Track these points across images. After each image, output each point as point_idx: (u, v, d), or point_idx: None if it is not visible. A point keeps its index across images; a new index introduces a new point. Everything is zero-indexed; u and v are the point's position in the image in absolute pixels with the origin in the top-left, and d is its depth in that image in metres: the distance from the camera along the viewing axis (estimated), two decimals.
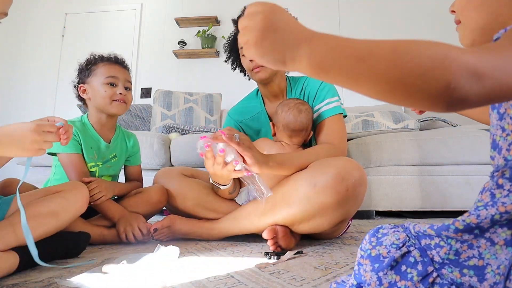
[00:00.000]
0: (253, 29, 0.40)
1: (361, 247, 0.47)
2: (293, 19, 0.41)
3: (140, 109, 2.74)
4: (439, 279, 0.39)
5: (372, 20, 3.23)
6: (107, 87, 1.14)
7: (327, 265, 0.76)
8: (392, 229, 0.47)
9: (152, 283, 0.62)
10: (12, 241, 0.72)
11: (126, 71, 1.22)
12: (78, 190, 0.91)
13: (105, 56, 1.20)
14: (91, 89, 1.16)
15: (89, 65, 1.18)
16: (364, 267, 0.44)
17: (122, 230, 1.05)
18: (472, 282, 0.37)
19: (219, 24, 3.43)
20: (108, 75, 1.15)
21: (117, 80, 1.16)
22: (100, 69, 1.16)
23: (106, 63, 1.18)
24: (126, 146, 1.30)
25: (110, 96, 1.14)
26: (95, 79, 1.16)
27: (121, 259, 0.73)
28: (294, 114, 1.06)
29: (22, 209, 0.70)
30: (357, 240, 1.12)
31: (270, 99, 1.24)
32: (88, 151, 1.16)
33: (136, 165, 1.35)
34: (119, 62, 1.21)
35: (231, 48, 1.26)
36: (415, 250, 0.42)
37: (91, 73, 1.17)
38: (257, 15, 0.40)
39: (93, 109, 1.19)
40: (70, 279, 0.64)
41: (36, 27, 3.65)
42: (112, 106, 1.15)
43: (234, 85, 3.17)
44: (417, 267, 0.41)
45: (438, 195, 1.73)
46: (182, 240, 1.13)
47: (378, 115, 2.20)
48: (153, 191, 1.17)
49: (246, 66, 1.17)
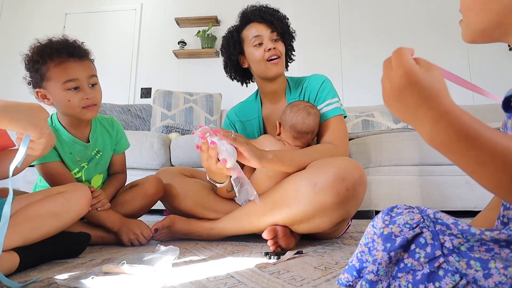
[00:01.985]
0: (383, 88, 0.41)
1: (372, 224, 0.47)
2: (427, 88, 0.38)
3: (140, 109, 2.74)
4: (445, 264, 0.39)
5: (372, 20, 3.22)
6: (70, 94, 0.95)
7: (327, 265, 0.76)
8: (407, 209, 0.47)
9: (152, 283, 0.62)
10: (14, 241, 0.72)
11: (86, 62, 0.99)
12: (80, 191, 0.89)
13: (52, 48, 0.94)
14: (52, 96, 0.96)
15: (37, 65, 0.94)
16: (375, 245, 0.44)
17: (126, 240, 1.03)
18: (477, 276, 0.37)
19: (219, 24, 3.43)
20: (66, 79, 0.93)
21: (78, 82, 0.95)
22: (53, 72, 0.93)
23: (56, 61, 0.93)
24: (110, 136, 1.17)
25: (76, 104, 0.96)
26: (51, 84, 0.94)
27: (121, 259, 0.73)
28: (303, 115, 1.05)
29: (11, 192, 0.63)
30: (357, 240, 1.12)
31: (269, 99, 1.23)
32: (68, 157, 1.06)
33: (122, 153, 1.24)
34: (73, 55, 0.96)
35: (234, 41, 1.18)
36: (428, 232, 0.42)
37: (43, 77, 0.94)
38: (387, 80, 0.40)
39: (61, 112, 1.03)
40: (70, 279, 0.64)
41: (36, 27, 3.65)
42: (83, 113, 0.98)
43: (234, 85, 3.16)
44: (426, 249, 0.41)
45: (438, 195, 1.73)
46: (182, 240, 1.13)
47: (378, 115, 2.20)
48: (149, 183, 1.14)
49: (259, 57, 1.11)
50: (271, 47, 1.10)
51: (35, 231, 0.76)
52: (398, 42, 3.14)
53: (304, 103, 1.09)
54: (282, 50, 1.14)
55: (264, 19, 1.12)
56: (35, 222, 0.76)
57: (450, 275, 0.38)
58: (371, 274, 0.43)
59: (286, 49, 1.19)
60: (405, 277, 0.41)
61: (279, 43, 1.13)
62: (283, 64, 1.14)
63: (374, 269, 0.43)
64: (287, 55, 1.22)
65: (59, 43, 0.97)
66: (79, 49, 0.98)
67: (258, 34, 1.12)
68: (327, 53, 3.24)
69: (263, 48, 1.11)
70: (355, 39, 3.22)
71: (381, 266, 0.42)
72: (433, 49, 3.07)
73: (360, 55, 3.19)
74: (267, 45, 1.11)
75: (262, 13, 1.13)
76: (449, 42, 3.03)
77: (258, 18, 1.12)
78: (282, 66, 1.13)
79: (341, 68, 3.20)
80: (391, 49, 0.42)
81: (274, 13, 1.15)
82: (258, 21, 1.12)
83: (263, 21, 1.12)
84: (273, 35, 1.12)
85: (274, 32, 1.12)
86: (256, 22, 1.13)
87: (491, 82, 2.92)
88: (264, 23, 1.12)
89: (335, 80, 3.11)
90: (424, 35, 3.11)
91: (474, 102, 2.93)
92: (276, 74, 1.13)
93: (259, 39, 1.12)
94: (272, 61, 1.11)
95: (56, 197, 0.84)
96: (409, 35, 3.14)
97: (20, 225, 0.74)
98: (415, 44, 3.11)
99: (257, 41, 1.12)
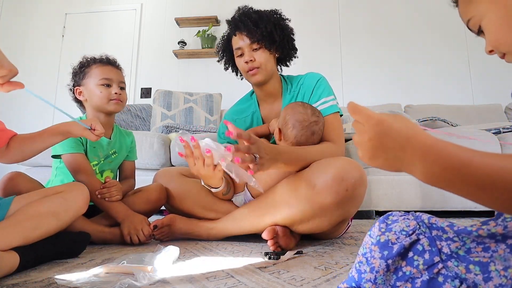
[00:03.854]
0: (363, 148, 0.41)
1: (370, 234, 0.47)
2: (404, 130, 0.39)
3: (140, 109, 2.74)
4: (444, 270, 0.39)
5: (372, 20, 3.22)
6: (103, 88, 1.17)
7: (327, 265, 0.76)
8: (402, 216, 0.47)
9: (152, 283, 0.62)
10: (12, 241, 0.72)
11: (119, 72, 1.25)
12: (78, 191, 0.91)
13: (97, 58, 1.23)
14: (87, 90, 1.19)
15: (83, 67, 1.21)
16: (372, 254, 0.44)
17: (126, 232, 1.05)
18: (477, 280, 0.37)
19: (219, 24, 3.43)
20: (102, 76, 1.18)
21: (111, 81, 1.19)
22: (94, 71, 1.19)
23: (99, 64, 1.20)
24: (126, 142, 1.33)
25: (106, 96, 1.17)
26: (90, 81, 1.18)
27: (122, 259, 0.73)
28: (307, 136, 1.00)
29: None
30: (357, 240, 1.12)
31: (265, 100, 1.23)
32: (92, 150, 1.19)
33: (133, 160, 1.38)
34: (111, 63, 1.23)
35: (224, 48, 1.24)
36: (424, 239, 0.42)
37: (85, 75, 1.19)
38: (364, 135, 0.41)
39: (91, 110, 1.21)
40: (70, 279, 0.64)
41: (36, 27, 3.65)
42: (109, 104, 1.18)
43: (234, 85, 3.16)
44: (424, 255, 0.41)
45: (438, 195, 1.73)
46: (182, 240, 1.13)
47: None
48: (152, 189, 1.18)
49: (241, 68, 1.15)
50: (248, 60, 1.11)
51: (34, 230, 0.76)
52: (398, 42, 3.14)
53: (308, 118, 1.00)
54: (263, 59, 1.12)
55: (245, 28, 1.11)
56: (35, 222, 0.76)
57: (450, 281, 0.38)
58: (368, 283, 0.42)
59: (279, 49, 1.16)
60: (404, 286, 0.41)
61: (260, 51, 1.11)
62: (264, 73, 1.13)
63: (372, 278, 0.42)
64: (283, 53, 1.19)
65: (104, 56, 1.24)
66: (115, 61, 1.26)
67: (239, 47, 1.13)
68: (327, 53, 3.24)
69: (243, 60, 1.12)
70: (355, 39, 3.22)
71: (379, 274, 0.42)
72: (433, 49, 3.07)
73: (360, 55, 3.19)
74: (245, 57, 1.12)
75: (243, 22, 1.12)
76: (449, 42, 3.03)
77: (239, 28, 1.13)
78: (262, 75, 1.12)
79: (341, 68, 3.20)
80: (391, 49, 0.42)
81: (256, 20, 1.12)
82: (240, 31, 1.13)
83: (243, 30, 1.12)
84: (253, 45, 1.11)
85: (254, 43, 1.11)
86: (238, 33, 1.13)
87: (491, 82, 2.92)
88: (244, 33, 1.11)
89: (335, 80, 3.12)
90: (424, 35, 3.11)
91: (474, 102, 2.93)
92: (257, 83, 1.15)
93: (240, 51, 1.13)
94: (251, 72, 1.12)
95: (54, 197, 0.85)
96: (409, 35, 3.14)
97: (19, 224, 0.74)
98: (415, 44, 3.11)
99: (239, 52, 1.14)
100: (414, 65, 3.08)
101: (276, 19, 1.16)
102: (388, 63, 3.13)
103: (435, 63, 3.06)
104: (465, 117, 2.49)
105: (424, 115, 2.28)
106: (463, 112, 2.57)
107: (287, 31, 1.18)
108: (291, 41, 1.20)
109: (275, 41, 1.13)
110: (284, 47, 1.18)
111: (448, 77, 3.02)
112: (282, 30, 1.16)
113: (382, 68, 3.14)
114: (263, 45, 1.12)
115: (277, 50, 1.17)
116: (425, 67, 3.06)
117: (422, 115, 2.36)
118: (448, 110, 2.56)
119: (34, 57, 3.57)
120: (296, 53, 1.25)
